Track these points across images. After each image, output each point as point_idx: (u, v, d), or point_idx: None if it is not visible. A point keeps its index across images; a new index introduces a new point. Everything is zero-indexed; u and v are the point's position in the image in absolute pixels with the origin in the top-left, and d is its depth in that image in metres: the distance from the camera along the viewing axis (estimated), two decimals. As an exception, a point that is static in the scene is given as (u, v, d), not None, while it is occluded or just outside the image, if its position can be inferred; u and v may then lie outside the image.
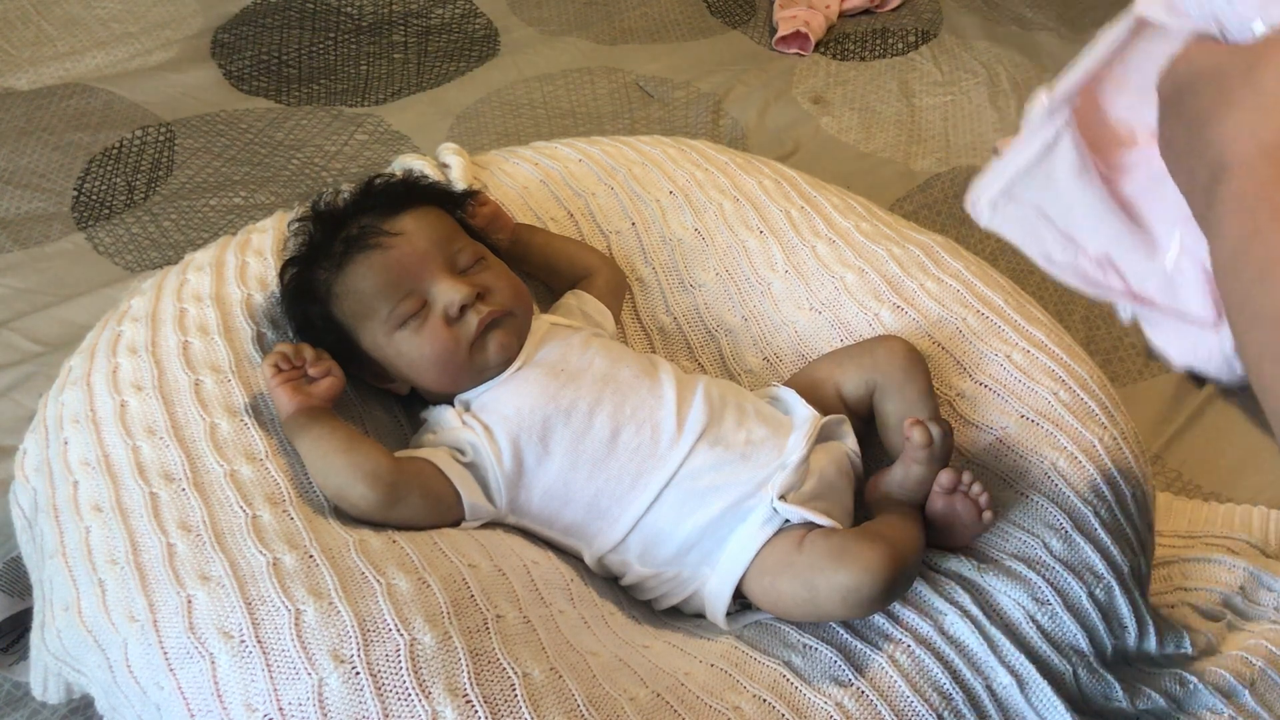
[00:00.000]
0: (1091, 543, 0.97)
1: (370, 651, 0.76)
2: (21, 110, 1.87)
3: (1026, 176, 0.74)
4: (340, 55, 2.09)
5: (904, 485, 0.96)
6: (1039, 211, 0.75)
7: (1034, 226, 0.75)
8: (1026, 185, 0.74)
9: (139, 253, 1.62)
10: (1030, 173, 0.73)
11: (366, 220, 1.00)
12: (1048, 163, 0.73)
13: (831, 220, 1.21)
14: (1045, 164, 0.73)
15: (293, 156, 1.83)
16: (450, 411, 0.99)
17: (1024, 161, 0.73)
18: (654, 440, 0.96)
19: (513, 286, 1.03)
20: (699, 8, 2.34)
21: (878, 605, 0.88)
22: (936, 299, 1.12)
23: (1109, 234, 0.74)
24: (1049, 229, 0.75)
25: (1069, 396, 1.05)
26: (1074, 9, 2.40)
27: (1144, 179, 0.73)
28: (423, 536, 0.88)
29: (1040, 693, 0.92)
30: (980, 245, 1.74)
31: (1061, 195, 0.73)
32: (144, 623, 0.80)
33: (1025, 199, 0.75)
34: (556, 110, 2.00)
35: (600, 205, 1.24)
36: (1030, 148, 0.73)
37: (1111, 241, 0.74)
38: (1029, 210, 0.75)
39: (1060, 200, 0.74)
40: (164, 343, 0.99)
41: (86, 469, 0.91)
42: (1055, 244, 0.75)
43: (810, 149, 1.95)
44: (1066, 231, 0.75)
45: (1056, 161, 0.72)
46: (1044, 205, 0.74)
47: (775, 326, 1.17)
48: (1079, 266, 0.76)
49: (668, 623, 0.97)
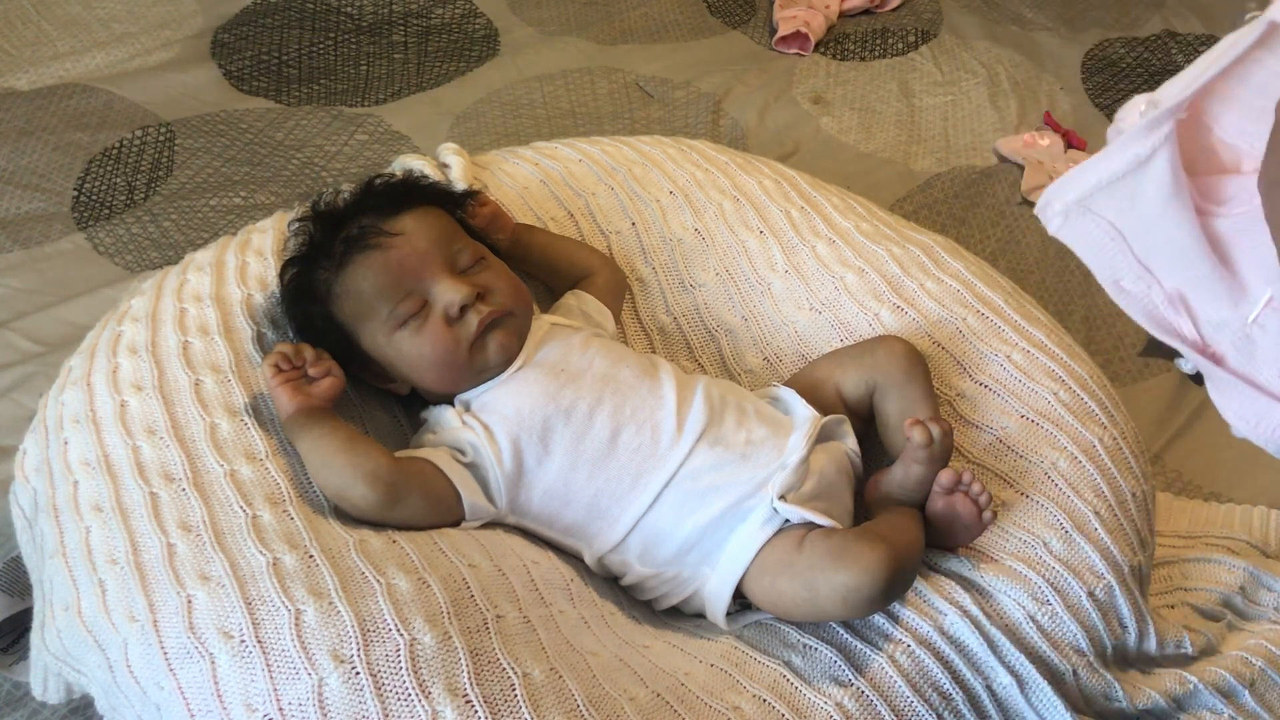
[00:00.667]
0: (1091, 542, 0.97)
1: (370, 651, 0.76)
2: (21, 110, 1.87)
3: (1109, 189, 0.65)
4: (340, 55, 2.09)
5: (904, 485, 0.96)
6: (1115, 230, 0.67)
7: (1106, 246, 0.67)
8: (1108, 199, 0.66)
9: (139, 253, 1.62)
10: (1114, 186, 0.65)
11: (367, 220, 1.00)
12: (1136, 178, 0.64)
13: (831, 220, 1.21)
14: (1133, 179, 0.64)
15: (293, 156, 1.83)
16: (450, 411, 0.99)
17: (1109, 172, 0.65)
18: (654, 440, 0.96)
19: (513, 286, 1.03)
20: (699, 8, 2.34)
21: (878, 605, 0.88)
22: (936, 299, 1.12)
23: (1191, 270, 0.65)
24: (1123, 252, 0.67)
25: (1069, 396, 1.05)
26: (1074, 9, 2.40)
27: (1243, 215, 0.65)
28: (423, 536, 0.88)
29: (1040, 692, 0.92)
30: (980, 245, 1.75)
31: (1145, 217, 0.65)
32: (144, 623, 0.80)
33: (1103, 213, 0.67)
34: (556, 110, 2.00)
35: (600, 205, 1.24)
36: (1120, 158, 0.64)
37: (1192, 280, 0.66)
38: (1104, 226, 0.67)
39: (1143, 223, 0.66)
40: (164, 343, 0.99)
41: (86, 469, 0.91)
42: (1128, 270, 0.68)
43: (810, 149, 1.95)
44: (1143, 259, 0.67)
45: (1147, 179, 0.64)
46: (1123, 224, 0.67)
47: (775, 326, 1.17)
48: (1149, 301, 0.68)
49: (668, 623, 0.97)
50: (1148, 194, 0.64)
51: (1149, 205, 0.64)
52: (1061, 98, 2.11)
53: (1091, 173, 0.66)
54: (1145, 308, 0.68)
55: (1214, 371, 0.66)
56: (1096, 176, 0.66)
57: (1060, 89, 2.13)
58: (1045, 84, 2.15)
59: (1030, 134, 1.97)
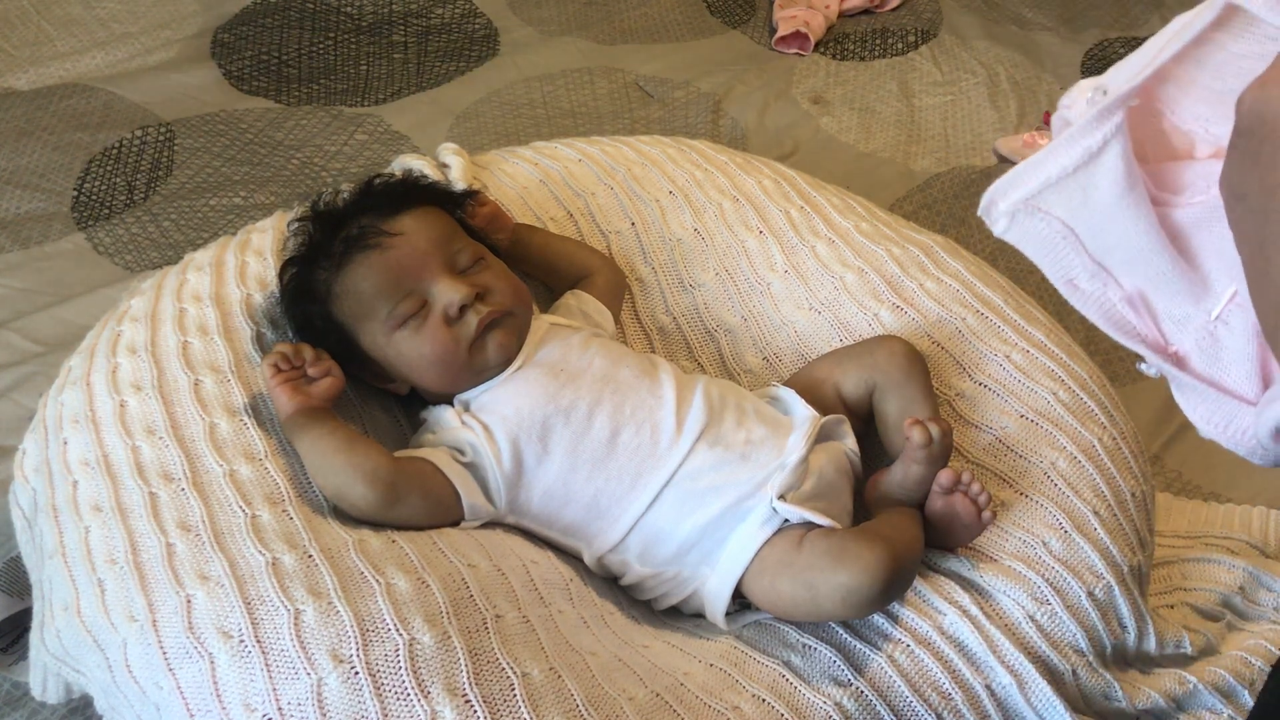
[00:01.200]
0: (1091, 542, 0.97)
1: (369, 651, 0.76)
2: (21, 110, 1.87)
3: (1058, 186, 0.61)
4: (340, 55, 2.09)
5: (903, 485, 0.96)
6: (1067, 229, 0.63)
7: (1058, 246, 0.64)
8: (1057, 196, 0.62)
9: (139, 253, 1.62)
10: (1064, 182, 0.61)
11: (366, 220, 1.00)
12: (1087, 173, 0.60)
13: (831, 220, 1.21)
14: (1084, 174, 0.60)
15: (293, 156, 1.83)
16: (450, 411, 0.99)
17: (1058, 168, 0.61)
18: (653, 440, 0.96)
19: (512, 286, 1.03)
20: (699, 8, 2.34)
21: (877, 605, 0.88)
22: (936, 299, 1.12)
23: (1150, 268, 0.62)
24: (1077, 252, 0.63)
25: (1068, 396, 1.05)
26: (1074, 9, 2.40)
27: (1201, 204, 0.61)
28: (422, 536, 0.88)
29: (1039, 692, 0.92)
30: (980, 245, 1.74)
31: (1098, 214, 0.61)
32: (143, 622, 0.80)
33: (1053, 211, 0.63)
34: (556, 110, 2.00)
35: (600, 205, 1.24)
36: (1069, 153, 0.60)
37: (1151, 277, 0.62)
38: (1055, 226, 0.63)
39: (1096, 220, 0.62)
40: (163, 343, 0.99)
41: (86, 469, 0.91)
42: (1082, 270, 0.64)
43: (810, 149, 1.95)
44: (1098, 257, 0.63)
45: (1099, 173, 0.60)
46: (1075, 222, 0.63)
47: (775, 326, 1.17)
48: (1106, 300, 0.64)
49: (667, 623, 0.97)
50: (1100, 189, 0.60)
51: (1102, 201, 0.61)
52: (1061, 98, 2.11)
53: (1039, 169, 0.62)
54: (1102, 307, 0.64)
55: (1177, 376, 0.62)
56: (1045, 173, 0.62)
57: (1060, 89, 2.13)
58: (1045, 84, 2.15)
59: (1030, 134, 1.97)
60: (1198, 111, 0.62)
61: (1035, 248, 0.64)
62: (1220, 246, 0.59)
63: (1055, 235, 0.63)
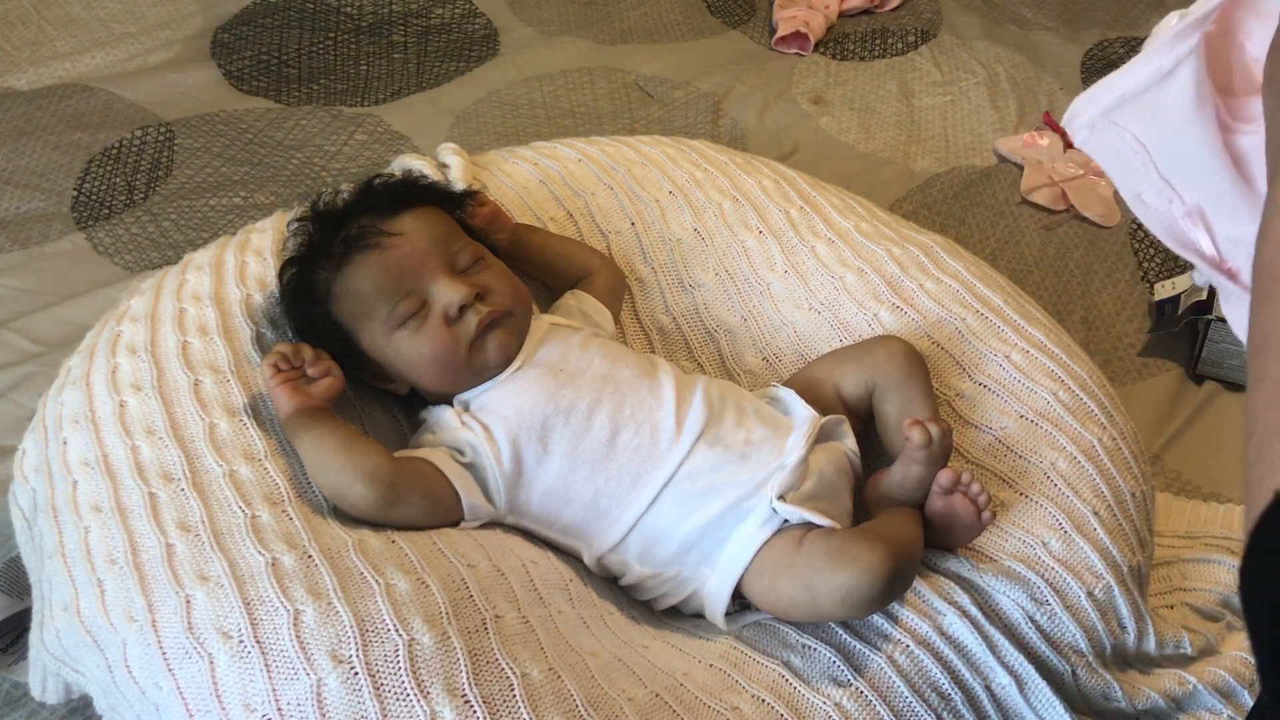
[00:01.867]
0: (1090, 543, 0.97)
1: (369, 652, 0.76)
2: (21, 110, 1.87)
3: (1133, 102, 0.64)
4: (340, 55, 2.09)
5: (903, 485, 0.96)
6: (1139, 144, 0.65)
7: (1130, 160, 0.66)
8: (1131, 111, 0.64)
9: (139, 253, 1.62)
10: (1138, 99, 0.64)
11: (366, 220, 1.00)
12: (1160, 91, 0.63)
13: (831, 220, 1.21)
14: (1157, 92, 0.63)
15: (292, 156, 1.83)
16: (449, 412, 0.99)
17: (1133, 85, 0.63)
18: (653, 440, 0.96)
19: (512, 286, 1.03)
20: (699, 8, 2.34)
21: (877, 606, 0.88)
22: (936, 299, 1.12)
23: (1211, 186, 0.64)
24: (1146, 166, 0.66)
25: (1068, 397, 1.05)
26: (1074, 9, 2.39)
27: None
28: (422, 537, 0.88)
29: (1039, 693, 0.92)
30: (980, 245, 1.74)
31: (1168, 131, 0.64)
32: (143, 623, 0.80)
33: (1127, 126, 0.65)
34: (556, 110, 2.00)
35: (600, 205, 1.24)
36: (1144, 70, 0.63)
37: (1211, 196, 0.64)
38: (1128, 140, 0.65)
39: (1165, 137, 0.64)
40: (163, 343, 0.99)
41: (85, 469, 0.91)
42: (1150, 185, 0.66)
43: (810, 149, 1.95)
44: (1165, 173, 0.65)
45: (1171, 92, 0.62)
46: (1146, 138, 0.65)
47: (775, 327, 1.17)
48: (1169, 215, 0.66)
49: (667, 623, 0.97)
50: (1171, 107, 0.63)
51: (1173, 119, 0.63)
52: (1061, 98, 2.10)
53: (1116, 85, 0.64)
54: (1165, 222, 0.67)
55: (1227, 286, 0.66)
56: (1120, 88, 0.64)
57: (1060, 89, 2.13)
58: (1044, 84, 2.15)
59: (1030, 134, 1.97)
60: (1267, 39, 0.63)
61: (1110, 160, 0.67)
62: None
63: (1128, 149, 0.66)
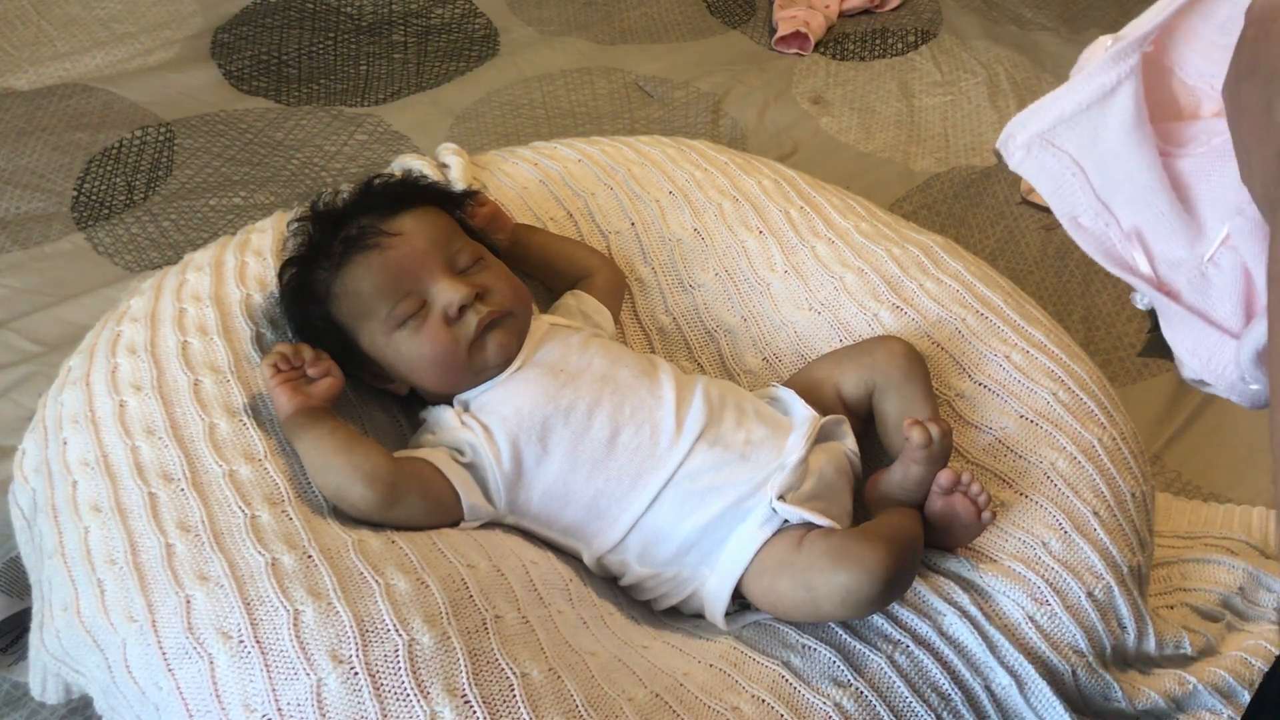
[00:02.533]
0: (1090, 543, 0.97)
1: (369, 652, 0.76)
2: (21, 110, 1.87)
3: (1071, 122, 0.65)
4: (340, 55, 2.09)
5: (903, 485, 0.96)
6: (1076, 165, 0.66)
7: (1066, 182, 0.67)
8: (1069, 132, 0.65)
9: (139, 253, 1.62)
10: (1077, 119, 0.64)
11: (366, 220, 1.00)
12: (1099, 111, 0.63)
13: (831, 220, 1.21)
14: (1096, 112, 0.64)
15: (292, 156, 1.83)
16: (449, 412, 0.99)
17: (1072, 105, 0.64)
18: (653, 440, 0.96)
19: (512, 286, 1.03)
20: (699, 8, 2.34)
21: (877, 606, 0.88)
22: (936, 299, 1.12)
23: (1148, 209, 0.65)
24: (1083, 188, 0.66)
25: (1068, 397, 1.05)
26: (1074, 9, 2.40)
27: (1203, 155, 0.64)
28: (421, 537, 0.88)
29: (1039, 693, 0.92)
30: (980, 245, 1.74)
31: (1106, 153, 0.64)
32: (143, 623, 0.80)
33: (1065, 147, 0.66)
34: (556, 110, 2.00)
35: (600, 205, 1.24)
36: (1084, 90, 0.63)
37: (1149, 218, 0.65)
38: (1065, 161, 0.66)
39: (1103, 158, 0.65)
40: (163, 343, 0.99)
41: (85, 469, 0.91)
42: (1086, 207, 0.67)
43: (810, 149, 1.95)
44: (1102, 195, 0.66)
45: (1110, 112, 0.63)
46: (1084, 159, 0.66)
47: (775, 327, 1.17)
48: (1105, 238, 0.67)
49: (667, 623, 0.97)
50: (1110, 127, 0.63)
51: (1111, 139, 0.64)
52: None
53: (1056, 105, 0.65)
54: (1100, 243, 0.67)
55: (1168, 307, 0.66)
56: (1060, 108, 0.65)
57: (1060, 89, 2.13)
58: (1045, 84, 2.15)
59: (1030, 134, 1.97)
60: (1203, 68, 0.65)
61: (1046, 181, 0.67)
62: (1218, 194, 0.63)
63: (1065, 170, 0.66)
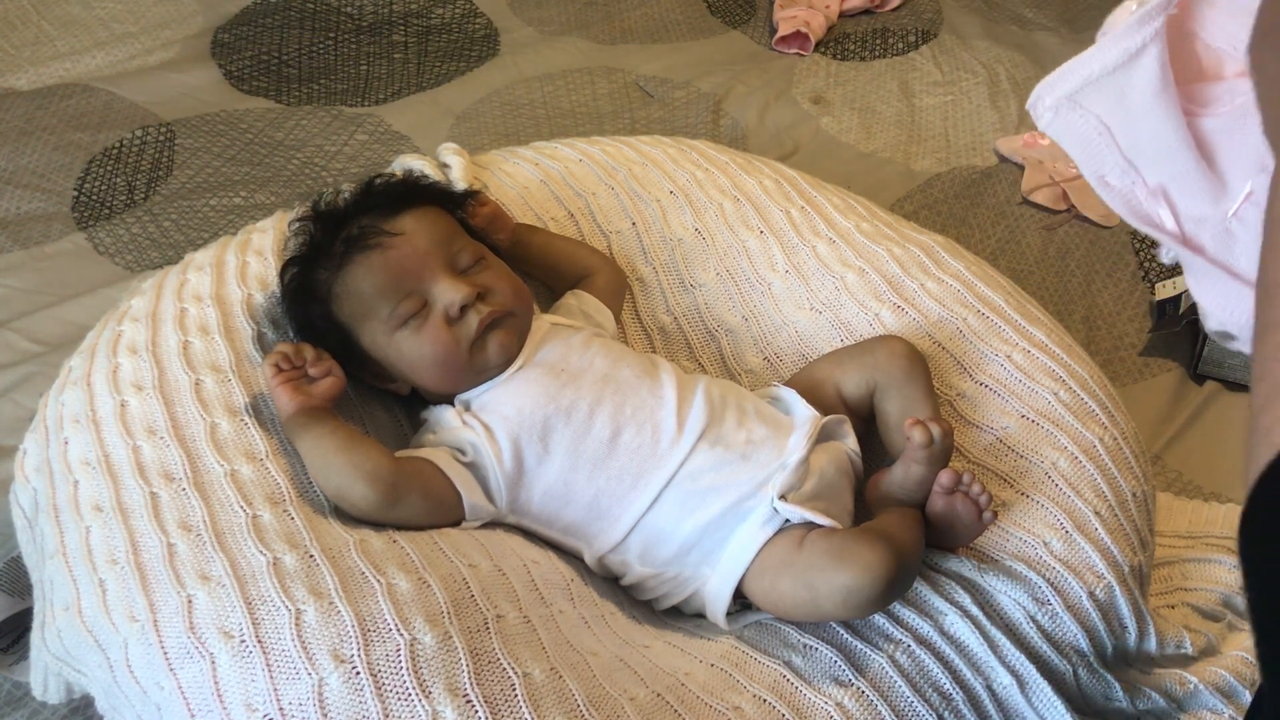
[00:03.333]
0: (1091, 543, 0.97)
1: (371, 651, 0.76)
2: (21, 110, 1.87)
3: (1098, 84, 0.66)
4: (340, 55, 2.09)
5: (904, 485, 0.96)
6: (1103, 126, 0.67)
7: (1094, 142, 0.68)
8: (1096, 94, 0.66)
9: (139, 253, 1.62)
10: (1103, 81, 0.65)
11: (367, 220, 1.00)
12: (1125, 74, 0.64)
13: (832, 220, 1.21)
14: (1122, 74, 0.65)
15: (293, 156, 1.83)
16: (450, 411, 0.99)
17: (1099, 67, 0.65)
18: (654, 440, 0.96)
19: (513, 286, 1.03)
20: (699, 8, 2.34)
21: (878, 605, 0.88)
22: (937, 299, 1.12)
23: (1174, 167, 0.66)
24: (1110, 148, 0.68)
25: (1069, 396, 1.05)
26: (1074, 9, 2.40)
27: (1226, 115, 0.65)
28: (423, 536, 0.88)
29: (1040, 692, 0.92)
30: (980, 245, 1.74)
31: (1132, 113, 0.66)
32: (144, 622, 0.80)
33: (1092, 109, 0.67)
34: (556, 110, 2.00)
35: (600, 205, 1.24)
36: (1110, 53, 0.65)
37: (1174, 176, 0.66)
38: (1092, 122, 0.67)
39: (1130, 118, 0.66)
40: (164, 342, 0.99)
41: (87, 469, 0.91)
42: (1113, 166, 0.68)
43: (810, 149, 1.95)
44: (1129, 154, 0.67)
45: (1136, 74, 0.64)
46: (1110, 120, 0.67)
47: (776, 326, 1.17)
48: (1132, 195, 0.68)
49: (668, 623, 0.97)
50: (1136, 88, 0.65)
51: (1136, 100, 0.65)
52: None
53: (1083, 67, 0.66)
54: (1127, 201, 0.69)
55: (1193, 261, 0.67)
56: (1087, 70, 0.66)
57: (1060, 89, 2.13)
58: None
59: (1030, 134, 1.97)
60: (1229, 29, 0.65)
61: (1074, 142, 0.69)
62: (1242, 151, 0.64)
63: (1092, 131, 0.68)
